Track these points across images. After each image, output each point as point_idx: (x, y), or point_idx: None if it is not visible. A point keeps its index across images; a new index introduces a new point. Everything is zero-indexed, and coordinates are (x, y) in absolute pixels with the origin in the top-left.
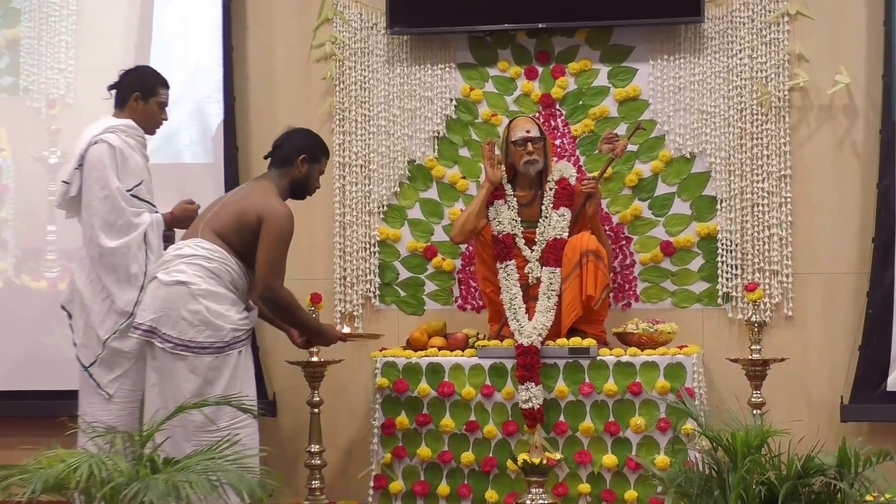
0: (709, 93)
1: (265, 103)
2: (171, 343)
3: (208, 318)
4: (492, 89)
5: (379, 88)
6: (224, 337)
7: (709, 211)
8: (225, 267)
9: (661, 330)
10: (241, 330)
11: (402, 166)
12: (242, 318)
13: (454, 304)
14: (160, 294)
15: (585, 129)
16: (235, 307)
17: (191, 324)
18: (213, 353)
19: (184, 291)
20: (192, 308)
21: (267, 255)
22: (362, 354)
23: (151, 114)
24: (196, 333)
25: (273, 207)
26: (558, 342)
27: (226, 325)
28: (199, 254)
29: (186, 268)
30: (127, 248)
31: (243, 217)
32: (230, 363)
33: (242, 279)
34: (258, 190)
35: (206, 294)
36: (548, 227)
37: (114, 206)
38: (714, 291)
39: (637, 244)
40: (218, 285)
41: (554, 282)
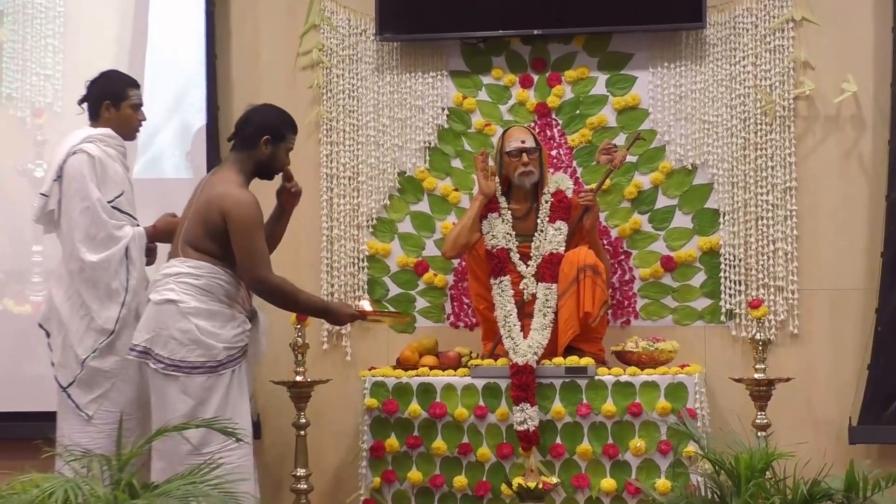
0: (711, 102)
1: None
2: (163, 363)
3: (199, 337)
4: (485, 98)
5: (368, 97)
6: (216, 356)
7: (711, 224)
8: (214, 281)
9: (661, 348)
10: (235, 348)
11: (391, 178)
12: (237, 335)
13: (446, 321)
14: (152, 314)
15: (583, 140)
16: (231, 323)
17: (181, 343)
18: (205, 372)
19: (173, 310)
20: (182, 327)
21: (241, 248)
22: (350, 374)
23: (126, 119)
24: (187, 353)
25: (231, 199)
26: (554, 361)
27: (217, 344)
28: (185, 271)
29: (176, 286)
30: (108, 262)
31: (208, 220)
32: (223, 383)
33: (236, 287)
34: (216, 184)
35: (197, 312)
36: (543, 242)
37: (95, 218)
38: (717, 308)
39: (636, 259)
40: (210, 301)
41: (550, 298)
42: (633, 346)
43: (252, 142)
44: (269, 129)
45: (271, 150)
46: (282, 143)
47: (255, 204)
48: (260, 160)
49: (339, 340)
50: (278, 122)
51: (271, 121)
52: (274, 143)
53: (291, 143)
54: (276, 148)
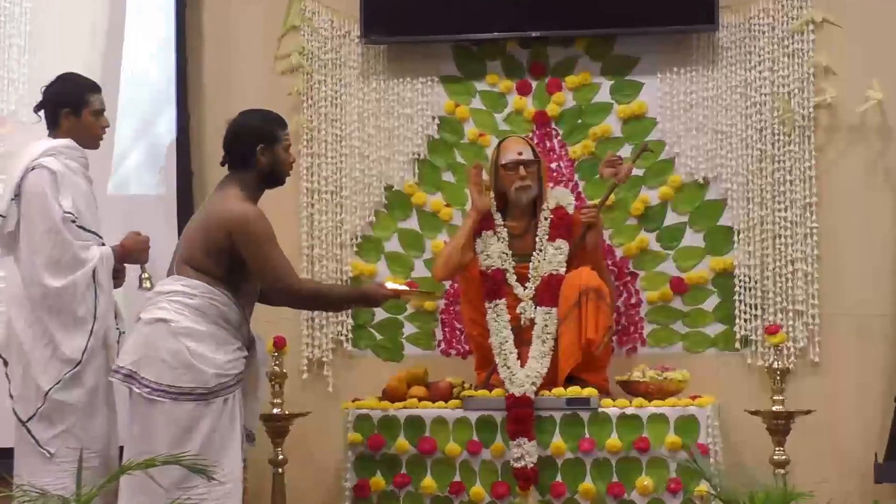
0: (724, 110)
1: (224, 122)
2: (149, 388)
3: (189, 360)
4: (479, 106)
5: (352, 105)
6: (207, 382)
7: (725, 243)
8: (210, 302)
9: (670, 378)
10: (228, 375)
11: (378, 193)
12: (230, 361)
13: (437, 348)
14: (141, 334)
15: (585, 151)
16: (224, 347)
17: (170, 366)
18: (194, 399)
19: (164, 330)
20: (172, 347)
21: (260, 264)
22: (332, 406)
23: (89, 126)
24: (175, 377)
25: (236, 216)
26: (554, 392)
27: (208, 369)
28: (179, 290)
29: (168, 304)
30: (74, 287)
31: (209, 239)
32: (213, 413)
33: (235, 310)
34: (218, 202)
35: (188, 333)
36: (542, 262)
37: (58, 240)
38: (731, 334)
39: (644, 281)
40: (203, 323)
41: (549, 323)
42: (639, 375)
43: (248, 157)
44: (259, 137)
45: (270, 157)
46: (278, 145)
47: (263, 216)
48: (263, 172)
49: (320, 370)
50: (265, 124)
51: (258, 127)
52: (270, 148)
53: (288, 140)
54: (273, 153)
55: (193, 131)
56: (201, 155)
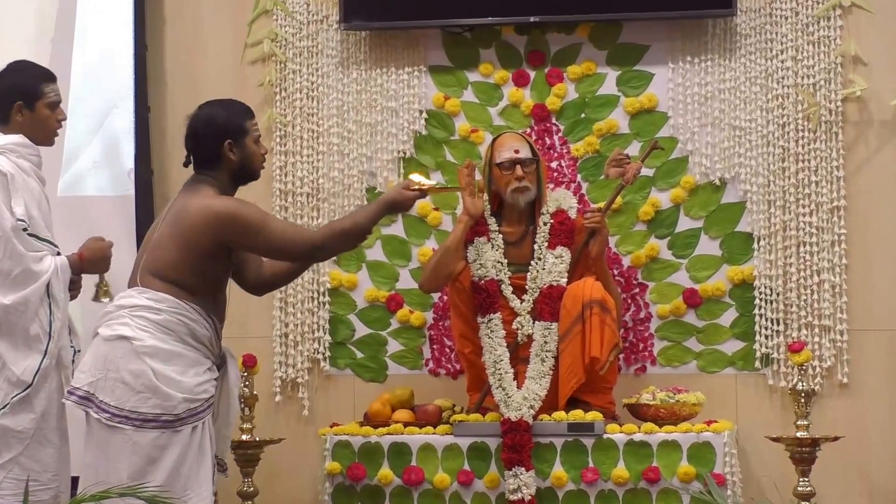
0: (742, 104)
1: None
2: (108, 413)
3: (154, 384)
4: (471, 98)
5: (331, 97)
6: (174, 408)
7: (743, 251)
8: (177, 318)
9: (683, 401)
10: (197, 399)
11: (359, 194)
12: (200, 384)
13: (424, 368)
14: (101, 352)
15: (589, 149)
16: (193, 368)
17: (132, 389)
18: (159, 427)
19: (126, 349)
20: (135, 369)
21: (270, 245)
22: (308, 432)
23: (43, 120)
24: (139, 402)
25: (221, 213)
26: (555, 416)
27: (176, 394)
28: (143, 304)
29: (131, 320)
30: (25, 304)
31: (190, 244)
32: (180, 442)
33: (206, 325)
34: (191, 204)
35: (153, 352)
36: (542, 272)
37: (9, 251)
38: (750, 352)
39: (654, 293)
40: (170, 341)
41: (549, 340)
42: (649, 398)
43: (214, 156)
44: (225, 132)
45: (240, 153)
46: (247, 138)
47: (245, 202)
48: (233, 169)
49: (295, 391)
50: (230, 117)
51: (222, 120)
52: (237, 143)
53: (257, 130)
54: (243, 147)
55: (153, 127)
56: (162, 152)
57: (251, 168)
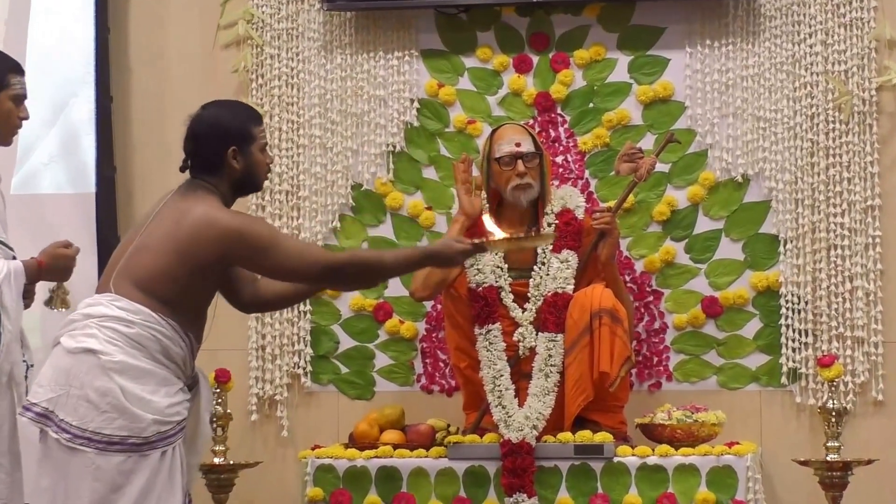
0: (767, 93)
1: (154, 106)
2: (69, 434)
3: (122, 404)
4: (468, 86)
5: (312, 85)
6: (143, 430)
7: (768, 255)
8: (151, 332)
9: (702, 421)
10: (169, 422)
11: (343, 192)
12: (173, 405)
13: (416, 384)
14: (63, 365)
15: (598, 142)
16: (165, 388)
17: (97, 408)
18: (125, 451)
19: (91, 363)
20: (101, 386)
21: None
22: (287, 455)
23: (5, 116)
24: (104, 422)
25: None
26: (560, 437)
27: (146, 415)
28: (114, 314)
29: (99, 331)
30: None
31: (185, 255)
32: (148, 468)
33: (181, 344)
34: (196, 207)
35: (123, 369)
36: (546, 278)
37: None
38: (776, 367)
39: (670, 301)
40: (141, 357)
41: (554, 353)
42: (664, 417)
43: (215, 162)
44: (230, 138)
45: (244, 161)
46: (252, 146)
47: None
48: (235, 178)
49: (272, 410)
50: (236, 122)
51: (227, 124)
52: (242, 150)
53: (264, 137)
54: (247, 155)
55: (116, 117)
56: (126, 145)
57: (255, 178)
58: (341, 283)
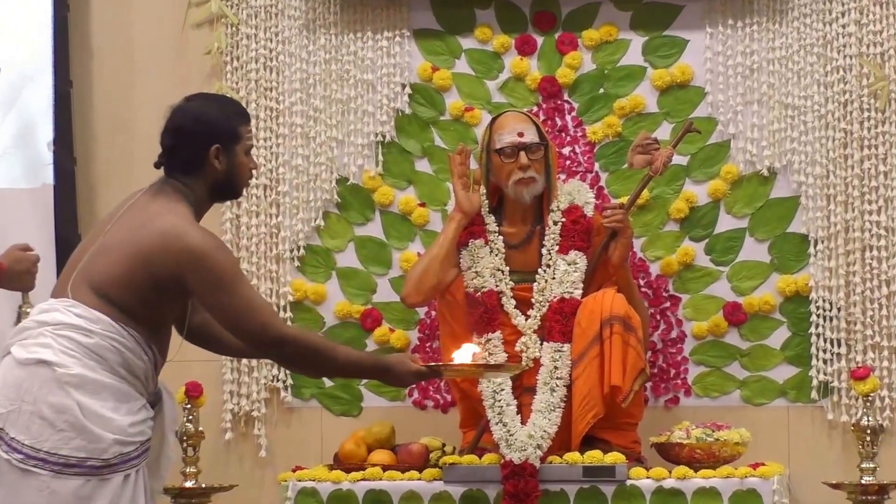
0: (796, 77)
1: (119, 91)
2: (21, 454)
3: (80, 422)
4: (465, 70)
5: (293, 68)
6: (103, 452)
7: (797, 257)
8: (111, 343)
9: (724, 440)
10: (132, 442)
11: (328, 187)
12: (136, 423)
13: (407, 399)
14: (13, 378)
15: (609, 132)
16: (127, 405)
17: (52, 426)
18: (83, 474)
19: (46, 376)
20: (58, 402)
21: (229, 304)
22: (265, 477)
23: None
24: (60, 442)
25: (191, 247)
26: (568, 458)
27: (106, 434)
28: (71, 322)
29: (54, 340)
30: None
31: (144, 264)
32: (108, 493)
33: (144, 358)
34: (160, 219)
35: (80, 382)
36: (551, 282)
37: None
38: (805, 380)
39: (689, 307)
40: (100, 371)
41: (560, 365)
42: (682, 435)
43: (196, 160)
44: (214, 135)
45: (227, 162)
46: (237, 145)
47: (223, 246)
48: (215, 180)
49: (249, 427)
50: (222, 118)
51: (213, 120)
52: (227, 150)
53: (250, 139)
54: (231, 155)
55: (77, 104)
56: (87, 136)
57: (235, 183)
58: (280, 359)
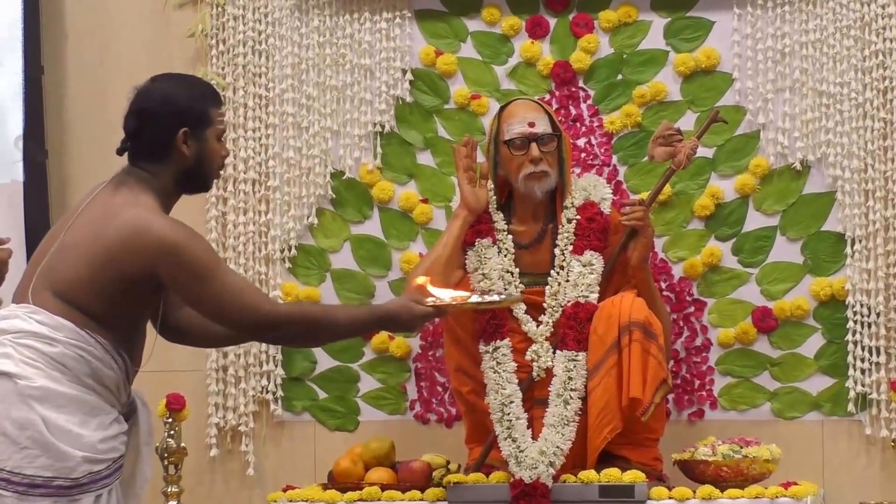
0: (832, 62)
1: (94, 77)
2: None
3: (45, 438)
4: (472, 54)
5: (284, 52)
6: (71, 471)
7: (833, 258)
8: (76, 352)
9: (753, 456)
10: (103, 460)
11: (322, 182)
12: (106, 439)
13: (408, 412)
14: None
15: (628, 122)
16: (97, 419)
17: (15, 443)
18: (50, 495)
19: (7, 389)
20: (20, 417)
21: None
22: (254, 497)
23: None
24: (23, 461)
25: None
26: (583, 476)
27: (74, 452)
28: (33, 330)
29: (14, 350)
30: None
31: (112, 264)
32: None
33: (114, 366)
34: (123, 213)
35: (45, 396)
36: (565, 285)
37: None
38: (841, 392)
39: (714, 313)
40: (66, 382)
41: (575, 376)
42: (707, 452)
43: (162, 145)
44: (182, 117)
45: (196, 147)
46: (207, 129)
47: (196, 234)
48: (183, 167)
49: (236, 443)
50: (191, 99)
51: (181, 101)
52: (196, 133)
53: (222, 123)
54: (201, 140)
55: (49, 91)
56: (61, 125)
57: (205, 170)
58: (279, 340)
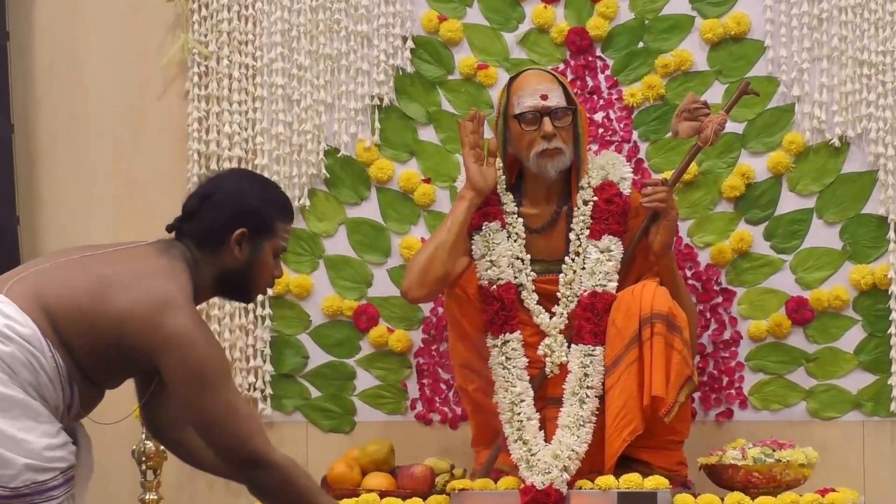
0: (873, 29)
1: (63, 45)
2: None
3: None
4: (478, 19)
5: (273, 17)
6: (11, 479)
7: (874, 243)
8: (28, 357)
9: (788, 460)
10: (48, 469)
11: (314, 160)
12: (53, 447)
13: (409, 412)
14: None
15: (650, 94)
16: (43, 425)
17: None
18: None
19: None
20: None
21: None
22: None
23: None
24: None
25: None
26: (600, 482)
27: (15, 458)
28: None
29: None
30: None
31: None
32: None
33: (58, 391)
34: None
35: None
36: (581, 272)
37: None
38: (884, 390)
39: (744, 303)
40: (11, 385)
41: (592, 372)
42: (737, 456)
43: (216, 238)
44: (245, 216)
45: (250, 253)
46: (267, 240)
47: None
48: (228, 269)
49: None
50: (261, 203)
51: (250, 201)
52: (254, 239)
53: (285, 241)
54: (256, 249)
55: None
56: (27, 98)
57: (250, 280)
58: (253, 483)
